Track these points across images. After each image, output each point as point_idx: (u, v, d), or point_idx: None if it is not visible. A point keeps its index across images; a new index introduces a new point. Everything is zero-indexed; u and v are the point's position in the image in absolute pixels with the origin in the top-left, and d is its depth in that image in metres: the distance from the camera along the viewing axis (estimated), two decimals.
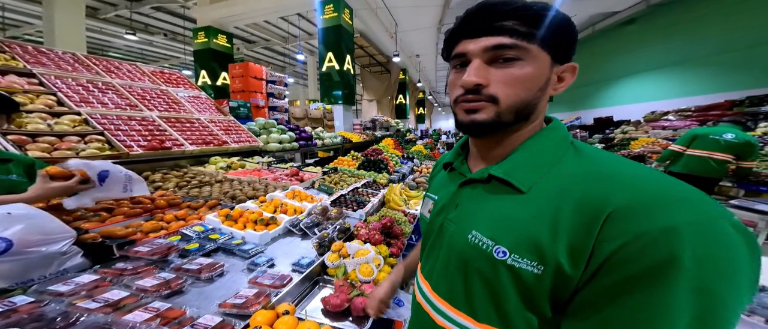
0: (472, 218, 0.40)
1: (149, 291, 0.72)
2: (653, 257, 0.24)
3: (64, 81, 1.68)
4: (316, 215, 1.17)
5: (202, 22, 6.69)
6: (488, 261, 0.35)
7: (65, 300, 0.65)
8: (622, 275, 0.26)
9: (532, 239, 0.32)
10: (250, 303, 0.70)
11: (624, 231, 0.26)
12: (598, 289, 0.28)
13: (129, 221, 0.96)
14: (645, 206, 0.27)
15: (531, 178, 0.36)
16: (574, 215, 0.30)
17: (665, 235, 0.24)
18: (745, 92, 5.02)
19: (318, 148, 3.49)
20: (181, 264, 0.84)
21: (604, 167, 0.32)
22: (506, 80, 0.35)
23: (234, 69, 4.74)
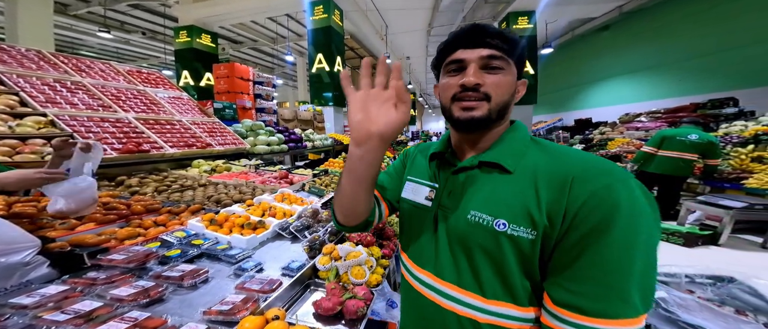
0: (467, 201, 0.46)
1: (125, 301, 0.67)
2: (605, 206, 0.35)
3: (28, 80, 1.56)
4: (306, 218, 1.14)
5: (185, 21, 6.45)
6: (491, 235, 0.42)
7: (30, 312, 0.60)
8: (588, 224, 0.36)
9: (525, 208, 0.40)
10: (238, 309, 0.67)
11: (583, 191, 0.37)
12: (573, 239, 0.37)
13: (101, 229, 0.89)
14: (591, 173, 0.38)
15: (515, 161, 0.44)
16: (549, 188, 0.40)
17: (608, 190, 0.36)
18: (709, 95, 5.47)
19: (308, 150, 3.43)
20: (161, 271, 0.79)
21: (556, 153, 0.44)
22: (496, 83, 0.44)
23: (219, 69, 4.58)
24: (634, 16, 7.42)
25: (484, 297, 0.43)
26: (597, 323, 0.35)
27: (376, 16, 7.49)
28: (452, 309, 0.45)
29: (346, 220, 0.55)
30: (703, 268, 1.01)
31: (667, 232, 1.49)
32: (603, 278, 0.35)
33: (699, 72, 6.11)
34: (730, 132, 3.87)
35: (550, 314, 0.39)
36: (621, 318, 0.34)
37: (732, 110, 4.70)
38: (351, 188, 0.48)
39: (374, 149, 0.43)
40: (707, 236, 1.45)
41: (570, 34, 9.40)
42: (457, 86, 0.45)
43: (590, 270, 0.36)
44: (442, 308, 0.46)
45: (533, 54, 6.65)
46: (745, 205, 1.54)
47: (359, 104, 0.43)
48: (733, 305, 0.86)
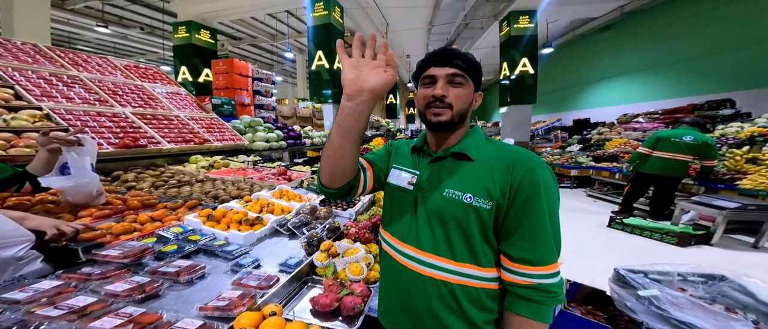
0: (443, 182, 0.59)
1: (120, 296, 0.66)
2: (532, 182, 0.52)
3: (24, 73, 1.54)
4: (304, 215, 1.14)
5: (184, 17, 6.38)
6: (461, 207, 0.55)
7: (22, 307, 0.59)
8: (524, 195, 0.52)
9: (484, 185, 0.55)
10: (234, 304, 0.66)
11: (519, 172, 0.53)
12: (516, 208, 0.53)
13: (97, 224, 0.88)
14: (521, 159, 0.55)
15: (476, 152, 0.59)
16: (500, 170, 0.55)
17: (532, 170, 0.53)
18: (706, 96, 5.50)
19: (307, 147, 3.42)
20: (157, 266, 0.78)
21: (501, 146, 0.60)
22: (457, 95, 0.58)
23: (217, 65, 4.54)
24: (635, 16, 7.43)
25: (454, 261, 0.56)
26: (541, 270, 0.51)
27: (377, 14, 7.45)
28: (430, 275, 0.57)
29: (330, 180, 0.60)
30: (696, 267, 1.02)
31: (661, 232, 1.51)
32: (540, 236, 0.52)
33: (697, 73, 6.14)
34: (727, 133, 3.90)
35: (509, 271, 0.54)
36: (552, 263, 0.52)
37: (729, 111, 4.73)
38: (339, 140, 0.55)
39: (365, 102, 0.53)
40: (700, 236, 1.46)
41: (571, 33, 9.39)
42: (429, 97, 0.58)
43: (531, 231, 0.52)
44: (422, 275, 0.58)
45: (534, 54, 6.64)
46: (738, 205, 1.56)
47: (352, 66, 0.54)
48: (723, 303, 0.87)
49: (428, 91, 0.58)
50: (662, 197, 2.87)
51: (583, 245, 2.60)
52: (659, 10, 6.92)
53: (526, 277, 0.51)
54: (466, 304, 0.56)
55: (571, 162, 5.51)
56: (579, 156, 5.60)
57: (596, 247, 2.59)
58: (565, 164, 5.58)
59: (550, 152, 6.65)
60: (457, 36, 10.25)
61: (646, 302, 0.86)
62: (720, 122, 4.59)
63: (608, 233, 2.90)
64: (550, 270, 0.52)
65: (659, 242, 1.47)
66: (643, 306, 0.85)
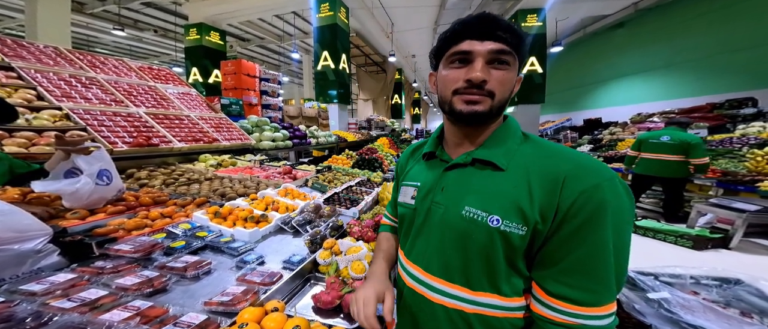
0: (461, 197, 0.47)
1: (130, 290, 0.69)
2: (593, 205, 0.38)
3: (45, 75, 1.61)
4: (308, 213, 1.15)
5: (195, 19, 6.56)
6: (484, 231, 0.43)
7: (38, 299, 0.62)
8: (577, 221, 0.39)
9: (517, 205, 0.42)
10: (238, 300, 0.68)
11: (573, 191, 0.39)
12: (565, 234, 0.40)
13: (110, 219, 0.92)
14: (580, 172, 0.40)
15: (506, 159, 0.46)
16: (542, 185, 0.41)
17: (596, 189, 0.38)
18: (726, 95, 5.25)
19: (312, 147, 3.46)
20: (166, 262, 0.80)
21: (548, 151, 0.45)
22: (501, 80, 0.44)
23: (226, 66, 4.65)
24: (650, 13, 7.18)
25: (471, 290, 0.45)
26: (588, 310, 0.39)
27: (382, 14, 7.46)
28: (441, 302, 0.47)
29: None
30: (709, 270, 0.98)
31: (676, 234, 1.45)
32: (594, 271, 0.39)
33: (716, 71, 5.88)
34: (748, 133, 3.71)
35: (542, 303, 0.42)
36: (605, 304, 0.39)
37: (751, 110, 4.51)
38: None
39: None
40: (718, 240, 1.40)
41: (582, 31, 9.15)
42: (461, 81, 0.44)
43: (582, 265, 0.39)
44: (431, 301, 0.48)
45: (542, 53, 6.51)
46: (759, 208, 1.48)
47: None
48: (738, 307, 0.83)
49: (460, 72, 0.44)
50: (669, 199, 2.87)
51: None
52: (676, 7, 6.66)
53: (566, 315, 0.39)
54: None
55: None
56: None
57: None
58: None
59: None
60: None
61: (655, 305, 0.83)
62: (741, 121, 4.38)
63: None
64: (601, 312, 0.39)
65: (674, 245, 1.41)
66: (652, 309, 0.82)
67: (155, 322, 0.60)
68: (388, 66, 11.22)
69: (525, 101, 6.60)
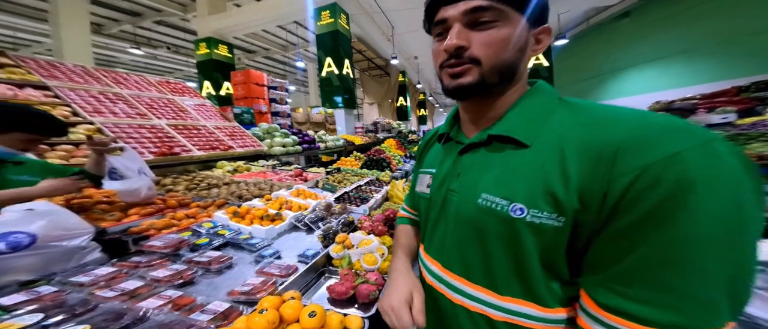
0: (477, 183, 0.39)
1: (162, 281, 0.75)
2: (665, 185, 0.25)
3: (77, 93, 1.77)
4: (320, 211, 1.20)
5: (203, 34, 6.88)
6: (505, 222, 0.35)
7: (85, 289, 0.69)
8: (641, 211, 0.26)
9: (547, 188, 0.32)
10: (257, 290, 0.73)
11: (632, 166, 0.26)
12: (622, 226, 0.27)
13: (143, 220, 1.00)
14: (645, 138, 0.27)
15: (532, 131, 0.36)
16: (581, 161, 0.31)
17: (672, 162, 0.25)
18: (752, 78, 4.96)
19: (321, 151, 3.54)
20: (192, 256, 0.87)
21: (595, 114, 0.33)
22: (486, 42, 0.36)
23: (236, 76, 4.86)
24: (655, 1, 6.92)
25: (497, 293, 0.37)
26: None
27: (382, 18, 7.56)
28: (462, 304, 0.40)
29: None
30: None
31: None
32: (672, 279, 0.25)
33: (737, 55, 5.59)
34: None
35: (592, 318, 0.30)
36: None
37: None
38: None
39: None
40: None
41: (585, 23, 8.93)
42: (442, 52, 0.39)
43: (651, 268, 0.26)
44: (452, 302, 0.42)
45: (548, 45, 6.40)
46: None
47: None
48: None
49: (440, 43, 0.39)
50: None
51: None
52: None
53: None
54: None
55: None
56: None
57: None
58: None
59: None
60: None
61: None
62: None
63: None
64: None
65: None
66: None
67: (185, 309, 0.66)
68: (391, 69, 11.30)
69: None
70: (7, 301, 0.59)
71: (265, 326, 0.55)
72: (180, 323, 0.55)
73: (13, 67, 1.64)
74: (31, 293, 0.64)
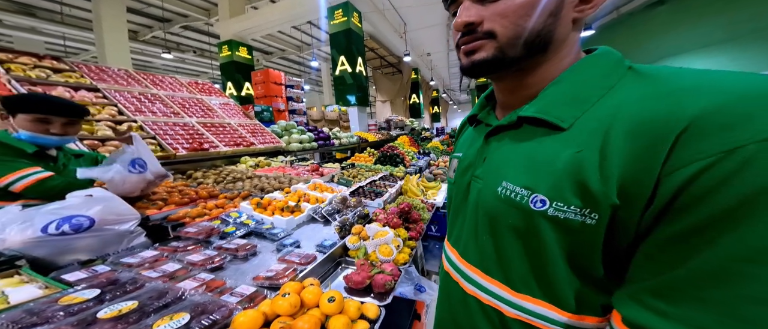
0: (501, 169, 0.35)
1: (197, 265, 0.83)
2: (752, 181, 0.18)
3: (122, 94, 1.96)
4: (336, 204, 1.24)
5: (225, 37, 7.24)
6: (523, 215, 0.31)
7: (134, 270, 0.78)
8: (714, 206, 0.19)
9: (577, 177, 0.26)
10: (280, 275, 0.78)
11: (702, 151, 0.19)
12: (676, 230, 0.21)
13: (180, 209, 1.11)
14: (731, 112, 0.19)
15: (572, 112, 0.30)
16: (628, 142, 0.24)
17: (761, 150, 0.18)
18: None
19: (335, 148, 3.62)
20: (222, 243, 0.95)
21: (674, 82, 0.24)
22: (501, 12, 0.31)
23: (256, 76, 5.09)
24: None
25: (511, 289, 0.34)
26: None
27: (394, 15, 7.49)
28: (475, 295, 0.38)
29: None
30: None
31: None
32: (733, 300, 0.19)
33: None
34: None
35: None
36: None
37: None
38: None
39: None
40: None
41: (615, 12, 8.21)
42: (455, 32, 0.35)
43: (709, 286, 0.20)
44: (465, 292, 0.40)
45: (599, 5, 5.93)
46: None
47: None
48: None
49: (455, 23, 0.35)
50: None
51: None
52: None
53: None
54: None
55: None
56: None
57: None
58: None
59: None
60: None
61: None
62: None
63: None
64: None
65: None
66: None
67: (216, 291, 0.72)
68: (403, 66, 11.20)
69: None
70: (71, 277, 0.69)
71: (288, 309, 0.59)
72: (213, 303, 0.60)
73: (69, 71, 1.85)
74: (90, 271, 0.74)
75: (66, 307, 0.54)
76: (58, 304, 0.54)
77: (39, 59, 1.78)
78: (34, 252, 0.73)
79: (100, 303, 0.57)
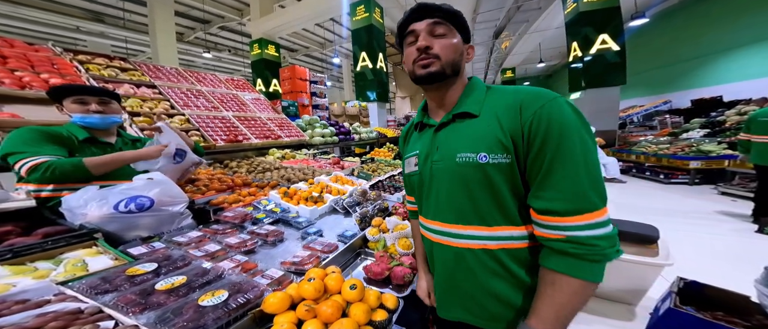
0: (453, 147, 0.55)
1: (234, 247, 0.91)
2: (545, 121, 0.46)
3: (173, 90, 2.20)
4: (357, 196, 1.28)
5: (256, 35, 7.66)
6: (478, 168, 0.51)
7: (183, 248, 0.88)
8: (538, 139, 0.47)
9: (496, 139, 0.50)
10: (304, 262, 0.83)
11: (528, 114, 0.48)
12: (532, 155, 0.47)
13: (219, 195, 1.23)
14: (530, 98, 0.50)
15: (478, 108, 0.55)
16: (507, 117, 0.50)
17: (544, 108, 0.47)
18: None
19: (355, 143, 3.69)
20: (254, 229, 1.03)
21: (506, 91, 0.55)
22: (443, 45, 0.55)
23: (284, 73, 5.34)
24: None
25: (487, 226, 0.52)
26: (571, 220, 0.44)
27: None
28: (466, 246, 0.54)
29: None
30: None
31: None
32: (566, 182, 0.44)
33: None
34: None
35: (537, 224, 0.49)
36: (588, 212, 0.43)
37: None
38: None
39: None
40: None
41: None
42: (415, 52, 0.56)
43: (554, 178, 0.45)
44: (458, 248, 0.55)
45: (617, 28, 5.26)
46: None
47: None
48: None
49: (413, 47, 0.56)
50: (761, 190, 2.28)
51: (719, 258, 2.04)
52: None
53: (554, 230, 0.45)
54: (515, 268, 0.52)
55: (689, 152, 4.22)
56: (703, 144, 4.22)
57: (736, 259, 2.00)
58: (678, 154, 4.30)
59: (653, 140, 5.21)
60: (507, 21, 8.96)
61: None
62: None
63: (757, 242, 2.24)
64: (585, 221, 0.43)
65: None
66: None
67: (250, 273, 0.79)
68: None
69: (596, 84, 5.44)
70: (134, 251, 0.80)
71: (312, 293, 0.63)
72: (247, 283, 0.66)
73: (132, 70, 2.13)
74: (149, 247, 0.85)
75: (131, 278, 0.63)
76: (125, 274, 0.63)
77: (110, 60, 2.07)
78: (107, 226, 0.86)
79: (156, 275, 0.66)
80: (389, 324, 0.64)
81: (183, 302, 0.56)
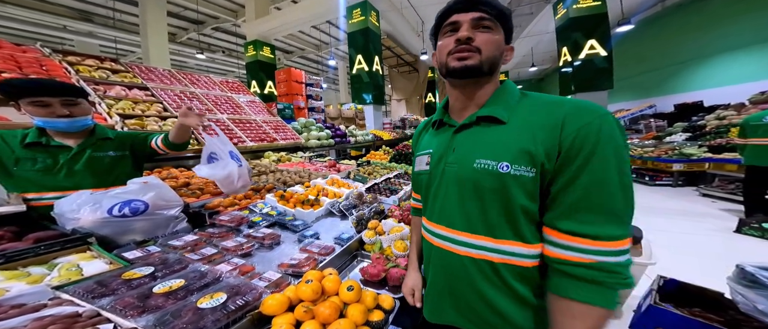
0: (472, 152, 0.52)
1: (230, 250, 0.92)
2: (590, 139, 0.42)
3: (166, 92, 2.17)
4: (353, 199, 1.29)
5: (251, 37, 7.60)
6: (496, 177, 0.48)
7: (179, 252, 0.88)
8: (581, 157, 0.43)
9: (523, 150, 0.47)
10: (302, 264, 0.84)
11: (572, 128, 0.44)
12: (569, 174, 0.43)
13: (215, 198, 1.22)
14: (575, 114, 0.45)
15: (508, 113, 0.51)
16: (545, 130, 0.46)
17: (592, 125, 0.43)
18: None
19: (351, 146, 3.70)
20: (250, 232, 1.03)
21: (544, 100, 0.50)
22: (486, 40, 0.51)
23: (279, 75, 5.31)
24: None
25: (493, 238, 0.49)
26: (606, 246, 0.41)
27: (412, 13, 7.36)
28: (468, 254, 0.52)
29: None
30: None
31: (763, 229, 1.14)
32: (608, 205, 0.41)
33: None
34: None
35: (554, 245, 0.45)
36: (622, 239, 0.41)
37: None
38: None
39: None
40: None
41: (660, 5, 7.39)
42: (452, 43, 0.52)
43: (595, 200, 0.42)
44: (459, 255, 0.53)
45: (604, 34, 5.49)
46: None
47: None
48: None
49: (451, 38, 0.52)
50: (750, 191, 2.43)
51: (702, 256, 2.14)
52: None
53: (584, 253, 0.41)
54: (517, 285, 0.48)
55: (672, 155, 4.41)
56: (686, 147, 4.44)
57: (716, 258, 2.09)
58: (662, 156, 4.49)
59: (639, 143, 5.42)
60: None
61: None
62: None
63: (735, 242, 2.32)
64: (617, 247, 0.40)
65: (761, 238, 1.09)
66: None
67: (247, 276, 0.80)
68: (420, 65, 11.02)
69: (585, 88, 5.64)
70: (129, 255, 0.79)
71: (310, 295, 0.65)
72: (245, 286, 0.67)
73: (124, 72, 2.09)
74: (144, 250, 0.84)
75: (127, 281, 0.63)
76: (121, 278, 0.63)
77: (101, 61, 2.03)
78: (101, 230, 0.86)
79: (153, 279, 0.66)
80: (386, 325, 0.65)
81: (182, 304, 0.56)
